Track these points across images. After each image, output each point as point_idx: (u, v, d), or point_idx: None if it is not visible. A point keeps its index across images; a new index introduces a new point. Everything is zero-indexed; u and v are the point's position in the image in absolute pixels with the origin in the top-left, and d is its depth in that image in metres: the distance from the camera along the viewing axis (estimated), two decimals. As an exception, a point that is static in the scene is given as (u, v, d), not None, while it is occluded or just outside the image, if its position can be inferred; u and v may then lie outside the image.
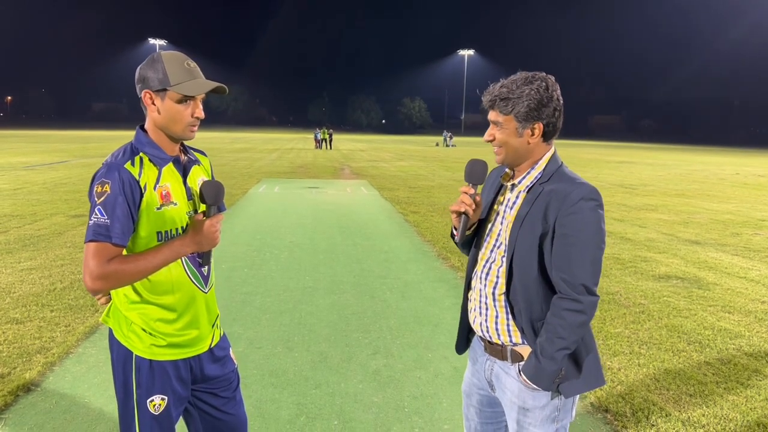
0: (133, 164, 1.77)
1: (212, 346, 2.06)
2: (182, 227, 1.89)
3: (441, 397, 3.73)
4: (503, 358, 1.92)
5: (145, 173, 1.78)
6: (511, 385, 1.90)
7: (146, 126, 1.88)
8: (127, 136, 67.75)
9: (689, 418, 3.47)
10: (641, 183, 19.90)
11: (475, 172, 1.96)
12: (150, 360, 1.89)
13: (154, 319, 1.87)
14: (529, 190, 1.86)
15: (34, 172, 18.43)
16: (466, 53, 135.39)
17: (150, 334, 1.88)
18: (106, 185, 1.71)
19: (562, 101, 1.86)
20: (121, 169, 1.74)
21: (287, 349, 4.44)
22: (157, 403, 1.91)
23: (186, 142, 2.02)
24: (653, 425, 3.38)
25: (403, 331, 4.89)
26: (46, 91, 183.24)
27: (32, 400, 3.54)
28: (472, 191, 1.92)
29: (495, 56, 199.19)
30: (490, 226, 1.97)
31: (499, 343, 1.92)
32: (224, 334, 2.19)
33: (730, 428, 3.37)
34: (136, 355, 1.88)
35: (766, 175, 25.85)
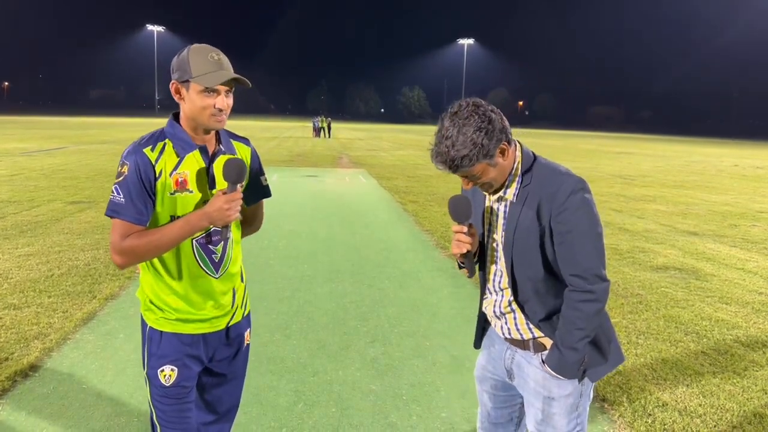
0: (152, 149, 1.86)
1: (230, 324, 2.08)
2: None
3: (438, 385, 3.73)
4: (525, 348, 1.93)
5: (163, 159, 1.86)
6: (534, 374, 1.91)
7: (180, 115, 1.93)
8: (125, 123, 67.56)
9: (686, 407, 3.49)
10: (640, 174, 19.90)
11: (460, 211, 1.87)
12: (160, 331, 1.96)
13: (164, 292, 1.96)
14: (516, 196, 1.82)
15: (32, 159, 18.36)
16: (466, 42, 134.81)
17: (159, 308, 1.96)
18: (125, 166, 1.83)
19: (497, 111, 1.75)
20: (139, 153, 1.83)
21: (285, 337, 4.44)
22: (167, 373, 1.95)
23: (230, 130, 2.09)
24: (650, 415, 3.39)
25: (401, 320, 4.90)
26: (43, 78, 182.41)
27: (30, 385, 3.54)
28: (465, 229, 1.86)
29: (494, 45, 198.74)
30: (486, 240, 1.95)
31: (520, 338, 1.93)
32: (248, 314, 2.21)
33: (726, 418, 3.39)
34: (149, 326, 1.98)
35: (764, 167, 25.87)
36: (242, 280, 2.18)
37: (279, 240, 7.82)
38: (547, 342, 1.86)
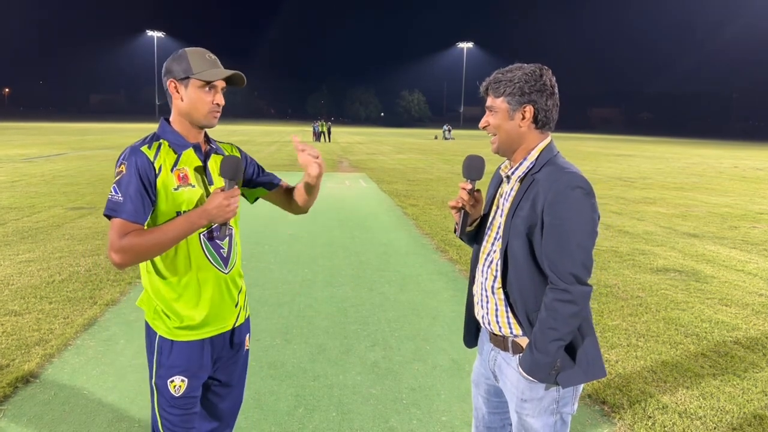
0: (149, 147, 1.89)
1: (235, 326, 2.10)
2: None
3: (439, 388, 3.74)
4: (505, 348, 1.94)
5: (162, 156, 1.89)
6: (511, 375, 1.92)
7: (171, 118, 2.00)
8: (126, 128, 67.50)
9: (686, 410, 3.49)
10: (640, 176, 19.91)
11: (472, 167, 1.95)
12: (171, 341, 1.96)
13: (174, 299, 1.95)
14: (522, 180, 1.87)
15: (32, 165, 18.39)
16: (465, 46, 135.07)
17: (168, 316, 1.96)
18: (123, 166, 1.85)
19: (557, 91, 1.85)
20: (137, 152, 1.86)
21: (286, 341, 4.45)
22: (177, 384, 1.96)
23: (215, 136, 2.15)
24: (650, 417, 3.39)
25: (402, 324, 4.90)
26: (43, 83, 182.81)
27: (31, 391, 3.55)
28: (469, 187, 1.93)
29: (494, 49, 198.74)
30: (491, 219, 1.98)
31: (501, 334, 1.93)
32: (248, 317, 2.24)
33: (726, 420, 3.39)
34: (159, 335, 1.97)
35: (764, 168, 25.87)
36: (243, 280, 2.21)
37: (279, 244, 7.84)
38: (524, 342, 1.87)
